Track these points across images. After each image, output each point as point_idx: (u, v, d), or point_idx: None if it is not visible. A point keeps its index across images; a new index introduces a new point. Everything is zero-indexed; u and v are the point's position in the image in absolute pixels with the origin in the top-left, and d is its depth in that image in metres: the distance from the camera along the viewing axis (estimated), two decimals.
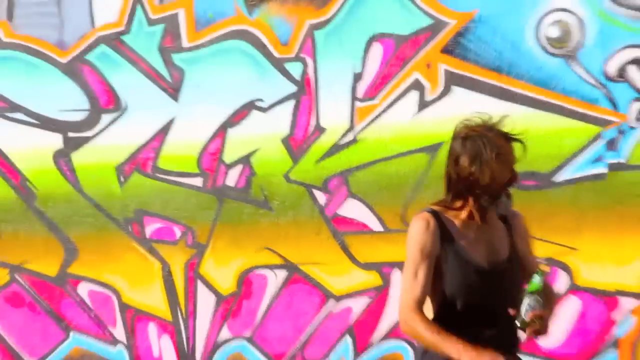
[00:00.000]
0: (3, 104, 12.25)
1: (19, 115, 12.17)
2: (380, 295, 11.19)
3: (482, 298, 6.18)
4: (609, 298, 10.52)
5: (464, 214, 6.03)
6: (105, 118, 11.89)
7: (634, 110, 10.25)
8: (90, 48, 11.87)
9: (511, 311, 6.29)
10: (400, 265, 10.24)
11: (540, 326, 6.03)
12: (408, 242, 6.12)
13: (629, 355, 10.61)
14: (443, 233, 6.05)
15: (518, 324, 6.03)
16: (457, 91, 10.77)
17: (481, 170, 5.81)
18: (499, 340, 6.19)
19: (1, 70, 12.47)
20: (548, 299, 6.14)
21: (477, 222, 6.05)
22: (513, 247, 6.26)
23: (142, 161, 11.84)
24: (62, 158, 12.03)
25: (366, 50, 10.98)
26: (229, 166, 11.51)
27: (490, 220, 6.15)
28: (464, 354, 5.85)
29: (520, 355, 6.30)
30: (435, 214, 6.01)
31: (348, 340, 11.23)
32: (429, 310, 6.18)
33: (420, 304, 6.05)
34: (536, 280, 6.01)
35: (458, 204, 6.01)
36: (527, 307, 6.01)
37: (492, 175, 5.82)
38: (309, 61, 11.20)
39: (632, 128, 10.30)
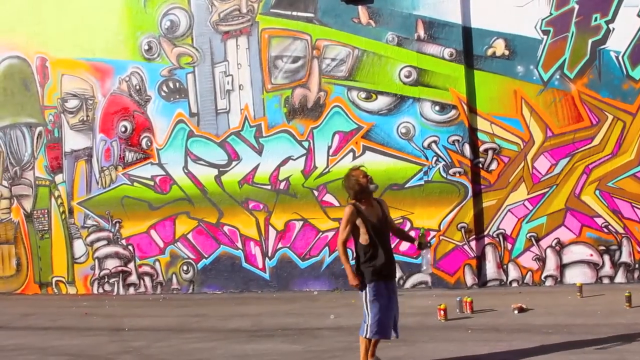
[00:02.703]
0: (194, 157, 12.93)
1: (201, 162, 12.88)
2: (338, 231, 10.31)
3: (377, 235, 6.65)
4: (426, 232, 9.48)
5: (362, 204, 6.72)
6: (233, 163, 12.71)
7: (433, 160, 11.36)
8: (227, 136, 12.76)
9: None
10: None
11: (426, 245, 6.86)
12: (344, 214, 6.69)
13: (433, 255, 11.24)
14: (358, 211, 6.68)
15: (418, 243, 6.77)
16: (368, 153, 11.76)
17: (352, 187, 6.72)
18: (388, 266, 6.74)
19: (197, 145, 12.95)
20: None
21: (367, 203, 6.72)
22: (383, 214, 6.81)
23: (248, 179, 12.63)
24: (217, 178, 12.84)
25: (332, 137, 12.03)
26: (281, 181, 12.39)
27: (373, 203, 6.79)
28: (348, 273, 6.64)
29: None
30: (354, 204, 6.70)
31: (326, 249, 12.17)
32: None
33: (344, 241, 6.65)
34: (421, 232, 6.89)
35: (359, 199, 6.71)
36: (421, 236, 6.85)
37: (356, 189, 6.68)
38: (311, 141, 12.19)
39: (432, 167, 11.38)
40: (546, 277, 11.04)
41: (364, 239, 6.66)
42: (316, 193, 12.26)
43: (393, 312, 6.76)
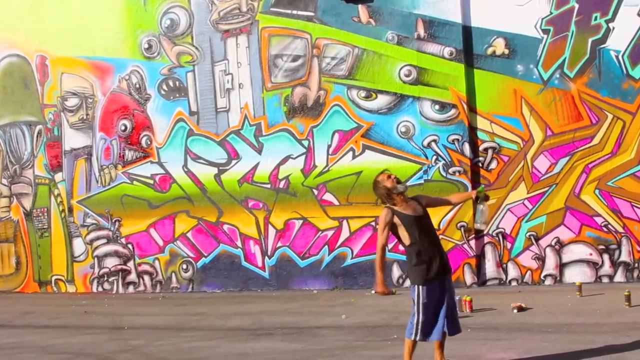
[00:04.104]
0: (194, 156, 12.94)
1: (201, 161, 12.89)
2: (337, 230, 12.08)
3: (419, 231, 6.26)
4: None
5: (397, 205, 6.28)
6: (233, 162, 12.72)
7: (432, 159, 11.35)
8: (227, 135, 12.76)
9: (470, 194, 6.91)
10: (344, 218, 11.89)
11: (484, 198, 6.37)
12: (380, 218, 6.32)
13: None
14: (393, 211, 6.25)
15: (479, 196, 6.44)
16: (368, 152, 11.77)
17: (381, 193, 6.33)
18: (439, 260, 6.27)
19: (196, 144, 12.97)
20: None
21: (400, 203, 6.29)
22: (423, 209, 6.39)
23: (247, 178, 12.64)
24: (217, 176, 12.85)
25: (332, 136, 12.03)
26: (280, 180, 12.39)
27: (408, 201, 6.38)
28: (378, 280, 6.27)
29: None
30: (389, 207, 6.28)
31: (325, 248, 12.17)
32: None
33: (383, 246, 6.25)
34: (481, 188, 6.53)
35: (391, 202, 6.30)
36: (480, 190, 6.46)
37: (384, 192, 6.30)
38: (311, 140, 12.20)
39: (432, 166, 11.39)
40: (545, 276, 11.04)
41: (406, 238, 6.31)
42: (316, 192, 12.26)
43: (442, 312, 6.35)
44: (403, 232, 6.28)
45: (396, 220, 6.29)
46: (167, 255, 13.36)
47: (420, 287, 6.22)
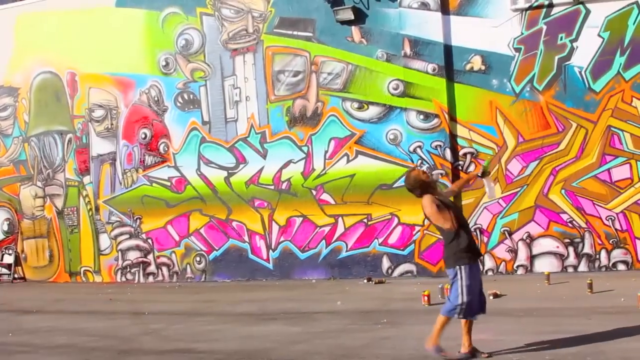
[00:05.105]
0: (206, 161, 12.87)
1: (212, 165, 12.82)
2: (333, 226, 12.03)
3: (458, 218, 6.01)
4: (411, 227, 11.37)
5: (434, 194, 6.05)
6: (241, 166, 12.67)
7: (418, 163, 11.19)
8: (235, 142, 12.71)
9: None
10: (339, 215, 11.83)
11: (488, 173, 6.47)
12: (427, 205, 5.90)
13: (418, 247, 11.39)
14: (436, 197, 6.01)
15: (482, 171, 6.37)
16: (361, 157, 11.75)
17: (417, 185, 6.02)
18: (475, 244, 6.18)
19: (208, 150, 12.90)
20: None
21: (437, 195, 6.07)
22: (453, 202, 6.29)
23: (253, 180, 12.59)
24: (226, 179, 12.78)
25: (328, 142, 12.01)
26: (283, 182, 12.35)
27: (442, 194, 6.23)
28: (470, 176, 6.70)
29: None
30: (430, 194, 5.96)
31: (323, 242, 12.14)
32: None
33: (455, 229, 5.89)
34: (486, 163, 6.78)
35: (431, 191, 6.00)
36: (486, 165, 6.59)
37: (420, 184, 6.03)
38: (310, 146, 12.16)
39: (417, 169, 12.01)
40: (518, 266, 11.05)
41: (447, 223, 5.94)
42: (314, 192, 12.23)
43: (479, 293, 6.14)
44: (445, 216, 5.93)
45: (439, 203, 5.97)
46: (182, 249, 13.32)
47: (464, 268, 5.91)
